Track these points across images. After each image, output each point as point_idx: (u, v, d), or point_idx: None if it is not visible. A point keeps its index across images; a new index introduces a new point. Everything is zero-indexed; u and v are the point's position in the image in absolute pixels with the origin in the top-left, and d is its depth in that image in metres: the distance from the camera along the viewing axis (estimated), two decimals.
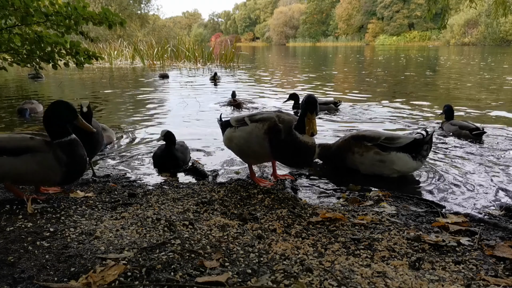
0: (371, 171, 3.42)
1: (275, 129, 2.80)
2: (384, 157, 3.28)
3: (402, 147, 3.24)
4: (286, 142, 2.74)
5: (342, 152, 3.53)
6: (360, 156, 3.39)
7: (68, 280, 1.54)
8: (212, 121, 6.12)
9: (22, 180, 2.54)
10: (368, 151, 3.34)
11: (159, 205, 2.54)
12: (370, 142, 3.35)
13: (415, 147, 3.24)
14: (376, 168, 3.37)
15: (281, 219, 2.34)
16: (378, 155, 3.30)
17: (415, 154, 3.24)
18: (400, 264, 1.76)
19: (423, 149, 3.24)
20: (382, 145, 3.30)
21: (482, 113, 6.54)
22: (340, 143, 3.59)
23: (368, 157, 3.34)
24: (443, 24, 13.43)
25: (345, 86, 10.89)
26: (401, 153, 3.24)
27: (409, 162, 3.26)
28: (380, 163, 3.32)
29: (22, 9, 5.04)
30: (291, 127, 2.76)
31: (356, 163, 3.46)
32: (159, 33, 38.93)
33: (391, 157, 3.25)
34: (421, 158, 3.28)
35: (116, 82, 12.44)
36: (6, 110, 7.08)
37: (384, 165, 3.31)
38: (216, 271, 1.61)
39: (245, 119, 3.05)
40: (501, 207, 2.72)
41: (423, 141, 3.23)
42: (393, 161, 3.26)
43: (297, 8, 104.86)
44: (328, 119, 6.16)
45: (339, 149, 3.57)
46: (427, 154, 3.33)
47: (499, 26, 54.40)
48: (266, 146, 2.86)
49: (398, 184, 3.35)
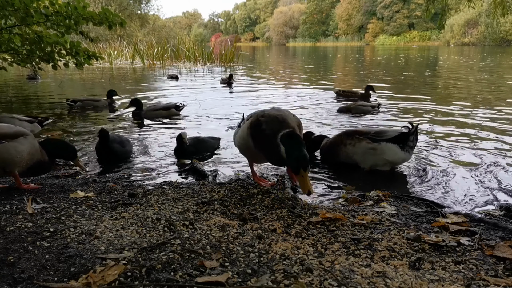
0: (363, 160, 3.63)
1: (256, 123, 2.75)
2: (375, 146, 3.55)
3: (391, 139, 3.52)
4: (268, 140, 2.62)
5: (335, 147, 3.79)
6: (352, 147, 3.65)
7: (68, 280, 1.54)
8: (211, 122, 6.13)
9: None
10: (360, 142, 3.62)
11: (159, 205, 2.54)
12: (362, 136, 3.64)
13: (402, 139, 3.49)
14: (368, 157, 3.59)
15: (281, 219, 2.34)
16: (369, 144, 3.58)
17: (402, 145, 3.50)
18: (400, 264, 1.76)
19: (409, 140, 3.50)
20: (372, 138, 3.59)
21: (482, 112, 6.54)
22: (333, 139, 3.87)
23: (360, 146, 3.61)
24: (442, 24, 13.44)
25: (343, 87, 10.89)
26: (390, 144, 3.51)
27: (398, 152, 3.53)
28: (372, 150, 3.56)
29: (22, 10, 5.04)
30: (276, 130, 2.59)
31: (349, 155, 3.69)
32: (159, 33, 38.89)
33: (381, 147, 3.53)
34: (408, 149, 3.54)
35: (116, 82, 12.44)
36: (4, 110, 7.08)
37: (376, 153, 3.55)
38: (216, 271, 1.61)
39: (246, 118, 3.07)
40: (501, 207, 2.72)
41: (409, 134, 3.49)
42: (384, 150, 3.53)
43: (297, 8, 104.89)
44: (328, 119, 6.17)
45: (332, 144, 3.83)
46: (414, 145, 3.58)
47: (499, 26, 54.45)
48: (250, 140, 2.82)
49: (398, 184, 3.36)
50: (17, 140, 2.67)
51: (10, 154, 2.62)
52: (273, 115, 2.74)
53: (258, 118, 2.76)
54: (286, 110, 2.97)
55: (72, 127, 5.66)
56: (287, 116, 2.79)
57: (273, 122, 2.67)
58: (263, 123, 2.70)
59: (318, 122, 5.97)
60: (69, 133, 5.28)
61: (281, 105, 7.52)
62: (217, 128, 5.59)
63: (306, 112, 6.84)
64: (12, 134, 2.67)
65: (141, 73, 16.14)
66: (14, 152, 2.64)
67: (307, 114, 6.68)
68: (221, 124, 5.86)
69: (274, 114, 2.75)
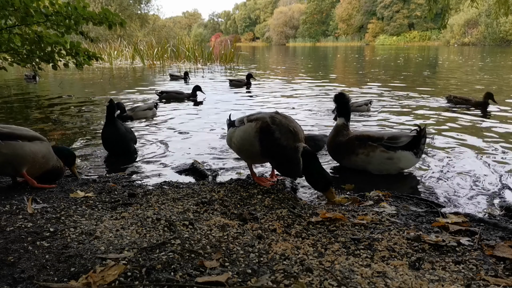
0: (379, 170, 3.50)
1: (267, 129, 2.80)
2: (391, 155, 3.40)
3: (405, 146, 3.37)
4: (282, 151, 2.75)
5: (344, 153, 3.58)
6: (366, 156, 3.46)
7: (68, 280, 1.54)
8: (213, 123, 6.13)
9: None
10: (374, 150, 3.43)
11: (159, 205, 2.54)
12: (375, 142, 3.43)
13: (415, 144, 3.36)
14: (384, 166, 3.46)
15: (281, 219, 2.34)
16: (385, 153, 3.40)
17: (416, 150, 3.38)
18: (400, 264, 1.76)
19: (421, 143, 3.38)
20: (387, 145, 3.40)
21: (482, 112, 6.54)
22: (343, 142, 3.56)
23: (375, 156, 3.43)
24: (444, 24, 13.41)
25: (342, 87, 10.89)
26: (406, 152, 3.37)
27: (412, 159, 3.42)
28: (388, 160, 3.42)
29: (22, 10, 5.04)
30: (291, 142, 2.75)
31: (361, 164, 3.52)
32: (159, 33, 38.89)
33: (398, 155, 3.38)
34: (420, 154, 3.44)
35: (116, 81, 12.44)
36: (5, 110, 7.08)
37: (392, 162, 3.41)
38: (216, 271, 1.61)
39: (244, 119, 3.06)
40: (501, 207, 2.72)
41: (420, 137, 3.35)
42: (400, 159, 3.39)
43: (297, 8, 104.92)
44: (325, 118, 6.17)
45: (341, 148, 3.59)
46: (424, 148, 3.47)
47: (499, 26, 54.44)
48: (257, 145, 2.87)
49: (398, 184, 3.36)
50: (33, 142, 2.83)
51: (24, 152, 2.74)
52: (285, 124, 2.81)
53: (269, 124, 2.80)
54: (292, 118, 3.00)
55: (73, 127, 5.66)
56: (297, 127, 2.88)
57: (287, 133, 2.78)
58: (275, 131, 2.77)
59: (316, 122, 5.98)
60: (70, 133, 5.28)
61: (279, 104, 7.54)
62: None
63: (306, 113, 6.84)
64: (29, 137, 2.82)
65: (142, 73, 16.14)
66: (28, 151, 2.76)
67: (307, 114, 6.69)
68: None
69: (286, 123, 2.82)
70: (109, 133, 4.07)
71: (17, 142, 2.73)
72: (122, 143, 4.12)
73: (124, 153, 4.17)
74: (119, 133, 4.07)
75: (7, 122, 6.05)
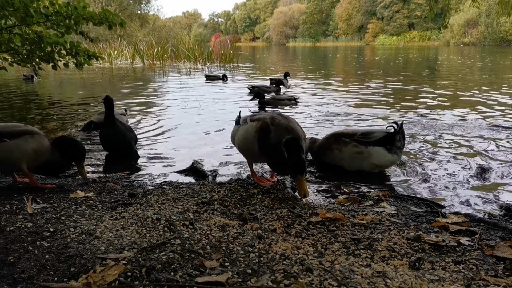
0: (352, 165, 3.54)
1: (265, 130, 2.81)
2: (361, 150, 3.44)
3: (377, 141, 3.40)
4: (275, 149, 2.73)
5: (323, 151, 3.70)
6: (339, 152, 3.54)
7: (68, 280, 1.54)
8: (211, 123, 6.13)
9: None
10: (346, 145, 3.50)
11: (159, 205, 2.54)
12: (348, 138, 3.52)
13: (389, 140, 3.37)
14: (356, 161, 3.50)
15: (281, 219, 2.34)
16: (355, 148, 3.46)
17: (389, 146, 3.38)
18: (400, 264, 1.76)
19: (396, 140, 3.37)
20: (359, 140, 3.46)
21: (482, 112, 6.54)
22: (322, 141, 3.76)
23: (346, 150, 3.50)
24: (445, 24, 13.37)
25: (343, 86, 10.88)
26: (377, 147, 3.39)
27: (386, 155, 3.40)
28: (358, 155, 3.46)
29: (22, 10, 5.04)
30: (280, 137, 2.70)
31: (336, 159, 3.61)
32: (159, 33, 38.89)
33: (368, 150, 3.41)
34: (396, 151, 3.41)
35: (116, 81, 12.44)
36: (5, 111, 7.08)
37: (362, 157, 3.45)
38: (216, 271, 1.61)
39: (247, 118, 3.07)
40: (501, 207, 2.72)
41: (395, 133, 3.35)
42: (371, 154, 3.41)
43: (297, 8, 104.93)
44: (325, 119, 6.17)
45: (321, 148, 3.74)
46: (402, 146, 3.44)
47: (499, 26, 54.46)
48: (255, 145, 2.88)
49: (398, 184, 3.35)
50: (21, 138, 2.72)
51: (11, 153, 2.66)
52: (283, 125, 2.81)
53: (269, 126, 2.80)
54: (294, 119, 3.00)
55: (72, 127, 5.66)
56: (296, 128, 2.86)
57: (283, 132, 2.76)
58: (272, 131, 2.77)
59: (314, 122, 5.98)
60: (69, 133, 5.28)
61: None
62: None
63: (307, 112, 6.84)
64: (17, 132, 2.73)
65: (142, 73, 16.13)
66: (16, 149, 2.68)
67: (307, 114, 6.69)
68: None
69: (284, 124, 2.82)
70: (109, 132, 3.96)
71: (3, 143, 2.66)
72: (123, 142, 4.04)
73: (124, 153, 4.13)
74: (120, 132, 3.97)
75: (3, 120, 6.06)
